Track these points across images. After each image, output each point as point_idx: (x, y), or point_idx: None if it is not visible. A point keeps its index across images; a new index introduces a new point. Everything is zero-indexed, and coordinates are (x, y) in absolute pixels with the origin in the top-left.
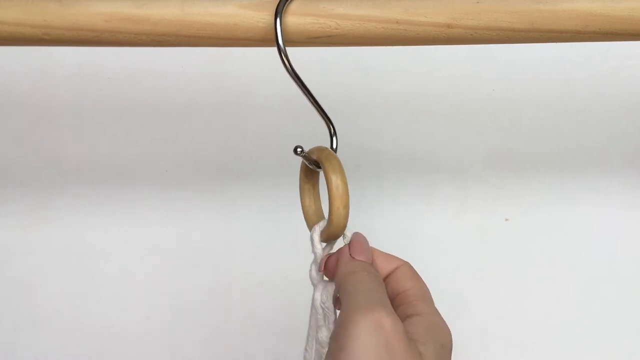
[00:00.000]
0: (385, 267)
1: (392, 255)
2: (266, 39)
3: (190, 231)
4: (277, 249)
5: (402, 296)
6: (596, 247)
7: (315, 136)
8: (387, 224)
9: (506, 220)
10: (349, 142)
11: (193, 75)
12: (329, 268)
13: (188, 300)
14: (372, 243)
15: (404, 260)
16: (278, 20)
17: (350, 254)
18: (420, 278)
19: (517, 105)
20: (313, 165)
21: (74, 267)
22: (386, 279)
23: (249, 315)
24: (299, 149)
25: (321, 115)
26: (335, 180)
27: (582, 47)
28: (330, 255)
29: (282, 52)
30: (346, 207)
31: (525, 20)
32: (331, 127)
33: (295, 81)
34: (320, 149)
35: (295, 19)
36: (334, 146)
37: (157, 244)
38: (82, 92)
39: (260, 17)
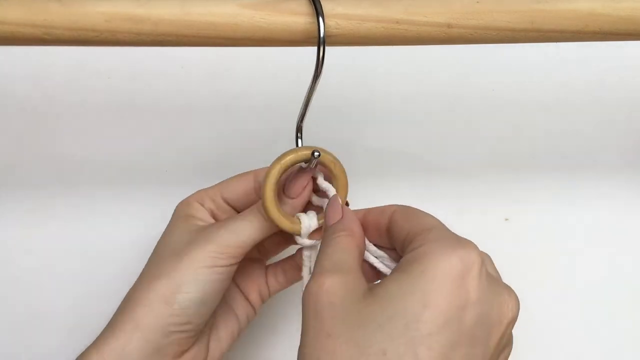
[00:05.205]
0: (381, 221)
1: (383, 207)
2: (267, 39)
3: None
4: None
5: (406, 241)
6: (596, 247)
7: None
8: None
9: (506, 220)
10: (349, 142)
11: (193, 75)
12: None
13: None
14: None
15: (395, 206)
16: (321, 19)
17: (326, 222)
18: (415, 213)
19: (516, 105)
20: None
21: (74, 266)
22: (388, 230)
23: None
24: (316, 153)
25: (299, 119)
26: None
27: (582, 47)
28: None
29: (321, 52)
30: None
31: (525, 20)
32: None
33: (313, 84)
34: (331, 155)
35: (295, 18)
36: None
37: None
38: (83, 92)
39: (260, 16)
